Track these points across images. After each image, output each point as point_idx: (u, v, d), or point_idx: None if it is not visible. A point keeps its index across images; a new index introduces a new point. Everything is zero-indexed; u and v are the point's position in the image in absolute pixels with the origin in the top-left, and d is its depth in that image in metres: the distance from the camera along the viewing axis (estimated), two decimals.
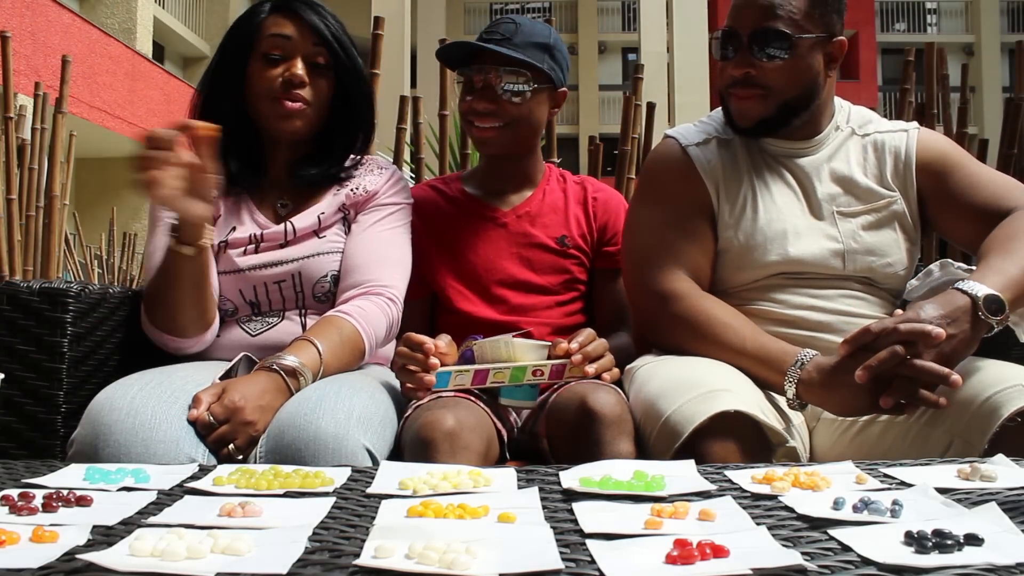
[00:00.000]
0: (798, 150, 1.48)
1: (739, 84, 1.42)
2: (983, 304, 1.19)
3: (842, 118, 1.52)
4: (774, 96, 1.41)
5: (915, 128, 1.51)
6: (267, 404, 1.24)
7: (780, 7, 1.38)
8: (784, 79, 1.40)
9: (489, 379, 1.33)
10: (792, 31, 1.38)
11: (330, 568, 0.63)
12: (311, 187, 1.52)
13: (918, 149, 1.48)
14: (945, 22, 22.44)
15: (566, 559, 0.64)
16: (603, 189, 1.74)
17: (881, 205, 1.46)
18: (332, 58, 1.47)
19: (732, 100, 1.46)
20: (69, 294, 1.38)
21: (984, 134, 5.18)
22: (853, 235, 1.44)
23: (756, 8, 1.39)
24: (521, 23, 1.57)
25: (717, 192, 1.46)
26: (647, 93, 2.86)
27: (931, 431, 1.23)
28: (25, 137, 3.01)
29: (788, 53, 1.39)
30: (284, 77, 1.43)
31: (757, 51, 1.39)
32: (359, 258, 1.46)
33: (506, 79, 1.54)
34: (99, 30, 11.75)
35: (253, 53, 1.45)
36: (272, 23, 1.45)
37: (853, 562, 0.63)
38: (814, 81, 1.43)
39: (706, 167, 1.47)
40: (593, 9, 21.16)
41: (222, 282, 1.46)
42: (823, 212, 1.45)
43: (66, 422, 1.35)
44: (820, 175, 1.47)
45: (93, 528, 0.73)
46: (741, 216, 1.45)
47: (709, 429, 1.15)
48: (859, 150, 1.49)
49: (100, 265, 6.44)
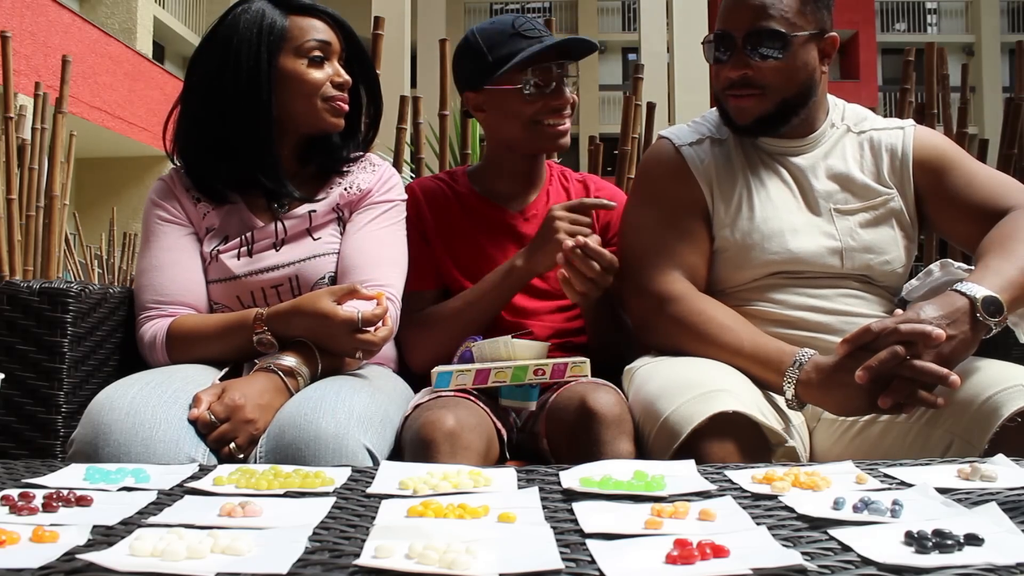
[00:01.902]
0: (793, 148, 1.48)
1: (737, 85, 1.42)
2: (981, 306, 1.19)
3: (837, 116, 1.52)
4: (772, 94, 1.41)
5: (911, 125, 1.51)
6: (267, 403, 1.24)
7: (772, 7, 1.38)
8: (781, 78, 1.40)
9: (490, 379, 1.33)
10: (786, 29, 1.38)
11: (330, 568, 0.63)
12: (313, 179, 1.53)
13: (915, 146, 1.47)
14: (945, 22, 22.43)
15: (566, 559, 0.64)
16: (605, 187, 1.74)
17: (878, 202, 1.45)
18: (356, 59, 1.54)
19: (730, 101, 1.45)
20: (69, 294, 1.38)
21: (984, 134, 5.18)
22: (851, 232, 1.43)
23: (748, 9, 1.39)
24: None
25: (711, 191, 1.46)
26: (647, 93, 2.86)
27: (931, 431, 1.23)
28: (25, 137, 3.00)
29: (783, 52, 1.39)
30: (335, 80, 1.48)
31: (752, 52, 1.40)
32: (356, 258, 1.46)
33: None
34: (99, 30, 11.75)
35: (282, 55, 1.44)
36: (309, 26, 1.46)
37: (853, 562, 0.63)
38: (811, 77, 1.43)
39: (699, 167, 1.47)
40: (593, 9, 21.16)
41: (218, 289, 1.46)
42: (820, 209, 1.45)
43: (66, 422, 1.35)
44: (816, 172, 1.47)
45: (93, 528, 0.73)
46: (737, 215, 1.44)
47: (708, 429, 1.15)
48: (855, 147, 1.49)
49: (100, 265, 6.45)
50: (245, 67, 1.42)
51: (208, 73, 1.46)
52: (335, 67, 1.49)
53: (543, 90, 1.55)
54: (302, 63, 1.45)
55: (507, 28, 1.56)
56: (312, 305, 1.32)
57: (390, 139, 2.53)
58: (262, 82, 1.42)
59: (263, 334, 1.34)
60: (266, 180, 1.45)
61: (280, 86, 1.44)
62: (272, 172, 1.46)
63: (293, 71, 1.45)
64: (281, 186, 1.46)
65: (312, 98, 1.46)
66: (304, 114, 1.47)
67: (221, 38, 1.46)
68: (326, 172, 1.54)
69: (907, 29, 22.28)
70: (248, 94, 1.42)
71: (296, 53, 1.45)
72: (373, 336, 1.32)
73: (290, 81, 1.45)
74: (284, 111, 1.46)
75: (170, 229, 1.47)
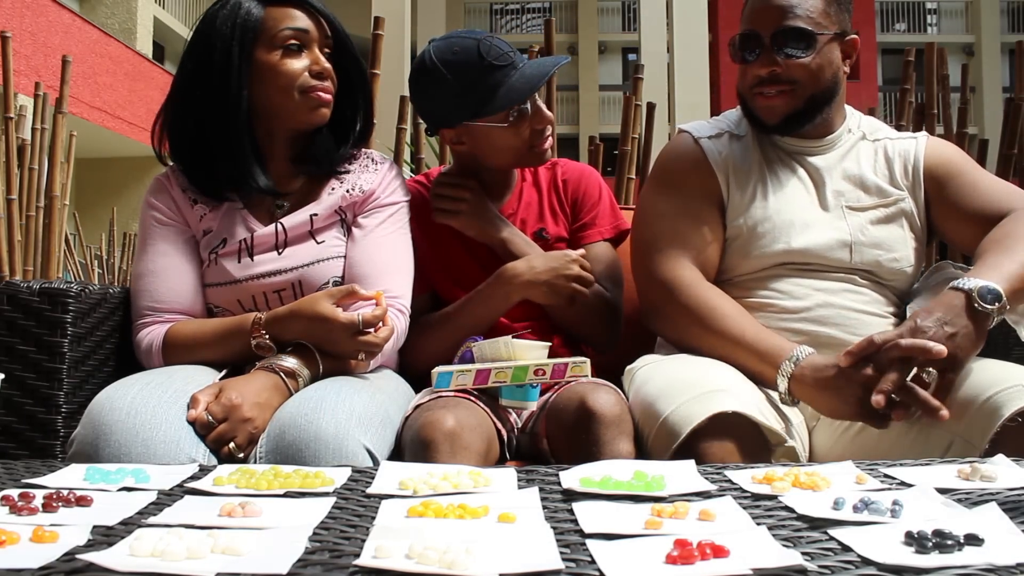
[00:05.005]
0: (811, 148, 1.51)
1: (766, 83, 1.45)
2: (977, 295, 1.20)
3: (854, 123, 1.55)
4: (801, 90, 1.44)
5: (924, 136, 1.55)
6: (265, 402, 1.24)
7: (798, 6, 1.41)
8: (809, 74, 1.43)
9: (491, 379, 1.33)
10: (812, 28, 1.41)
11: (330, 568, 0.63)
12: (312, 180, 1.49)
13: (926, 154, 1.50)
14: (945, 22, 22.43)
15: (566, 559, 0.64)
16: (572, 166, 1.71)
17: (890, 202, 1.48)
18: (337, 48, 1.47)
19: (758, 99, 1.47)
20: (69, 294, 1.38)
21: (984, 134, 5.18)
22: (861, 228, 1.45)
23: (775, 10, 1.42)
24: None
25: (728, 182, 1.48)
26: (647, 93, 2.86)
27: (931, 431, 1.23)
28: (25, 137, 3.00)
29: (810, 50, 1.42)
30: (313, 69, 1.42)
31: (779, 50, 1.42)
32: (365, 267, 1.44)
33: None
34: (99, 30, 11.75)
35: (257, 47, 1.40)
36: (284, 15, 1.41)
37: (853, 562, 0.63)
38: (836, 76, 1.47)
39: (717, 158, 1.50)
40: (593, 9, 21.14)
41: (217, 293, 1.44)
42: (832, 206, 1.47)
43: (66, 422, 1.35)
44: (831, 172, 1.49)
45: (93, 528, 0.73)
46: (751, 204, 1.47)
47: (707, 429, 1.15)
48: (870, 153, 1.52)
49: (100, 265, 6.45)
50: (219, 62, 1.39)
51: (188, 71, 1.43)
52: (314, 55, 1.42)
53: (525, 116, 1.53)
54: (277, 54, 1.40)
55: (475, 60, 1.48)
56: (311, 308, 1.31)
57: (390, 139, 2.53)
58: (233, 76, 1.38)
59: (261, 338, 1.33)
60: (237, 176, 1.41)
61: (256, 80, 1.40)
62: (244, 167, 1.41)
63: (267, 63, 1.40)
64: (252, 180, 1.41)
65: (289, 90, 1.41)
66: (283, 107, 1.42)
67: (200, 35, 1.43)
68: (322, 173, 1.50)
69: (907, 29, 22.28)
70: (221, 89, 1.38)
71: (271, 44, 1.40)
72: (374, 338, 1.32)
73: (266, 74, 1.40)
74: (266, 106, 1.42)
75: (166, 232, 1.45)
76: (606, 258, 1.63)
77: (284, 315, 1.33)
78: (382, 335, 1.33)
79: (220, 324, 1.39)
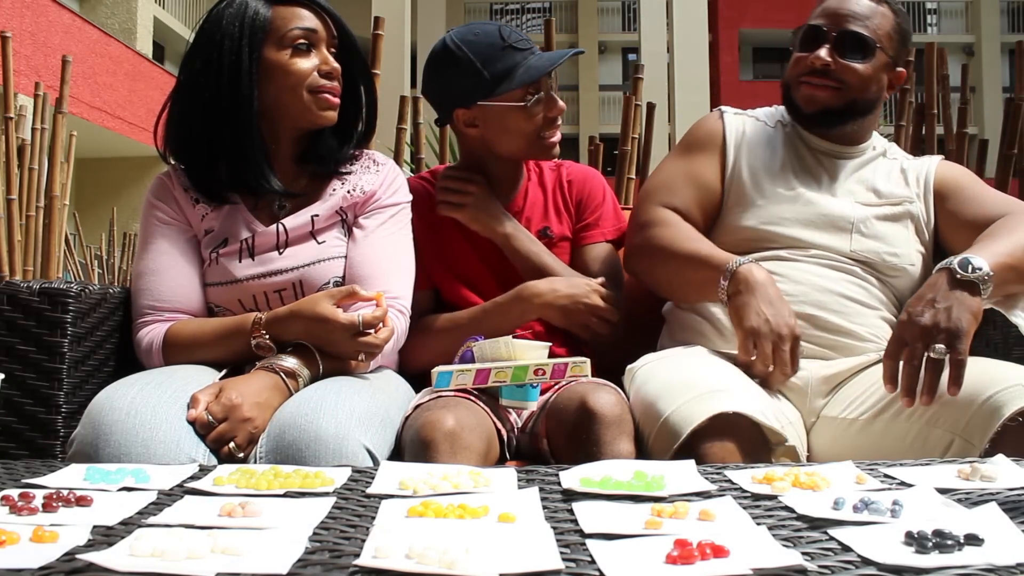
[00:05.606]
0: (835, 151, 1.57)
1: (817, 74, 1.50)
2: (957, 266, 1.25)
3: (880, 144, 1.62)
4: (846, 92, 1.50)
5: (940, 158, 1.64)
6: (264, 402, 1.24)
7: (869, 19, 1.49)
8: (859, 80, 1.49)
9: (491, 379, 1.33)
10: (876, 42, 1.48)
11: (330, 568, 0.63)
12: (314, 180, 1.49)
13: (937, 172, 1.58)
14: (945, 22, 22.43)
15: (566, 559, 0.64)
16: (577, 168, 1.73)
17: (897, 201, 1.54)
18: (343, 48, 1.47)
19: (803, 87, 1.53)
20: (69, 294, 1.38)
21: (984, 134, 5.18)
22: (865, 220, 1.51)
23: (848, 13, 1.50)
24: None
25: (737, 154, 1.57)
26: (647, 93, 2.86)
27: (931, 431, 1.24)
28: (25, 137, 3.00)
29: (866, 61, 1.48)
30: (322, 69, 1.42)
31: (840, 50, 1.48)
32: (366, 268, 1.44)
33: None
34: (99, 30, 11.75)
35: (266, 47, 1.40)
36: (292, 15, 1.41)
37: (853, 562, 0.63)
38: (879, 94, 1.54)
39: (735, 132, 1.59)
40: (593, 9, 21.13)
41: (218, 292, 1.44)
42: (841, 195, 1.53)
43: (66, 422, 1.35)
44: (848, 174, 1.56)
45: (93, 528, 0.73)
46: (764, 176, 1.54)
47: (708, 429, 1.15)
48: (887, 168, 1.59)
49: (100, 265, 6.45)
50: (227, 62, 1.38)
51: (194, 71, 1.42)
52: (323, 55, 1.42)
53: (540, 101, 1.54)
54: (285, 53, 1.40)
55: (496, 41, 1.52)
56: (311, 309, 1.31)
57: (390, 139, 2.53)
58: (243, 76, 1.38)
59: (261, 338, 1.33)
60: (249, 177, 1.41)
61: (265, 79, 1.40)
62: (256, 169, 1.41)
63: (276, 62, 1.40)
64: (264, 181, 1.41)
65: (298, 90, 1.41)
66: (292, 107, 1.42)
67: (206, 34, 1.42)
68: (325, 173, 1.50)
69: None
70: (231, 89, 1.38)
71: (279, 43, 1.40)
72: (374, 338, 1.32)
73: (274, 73, 1.40)
74: (272, 105, 1.42)
75: (167, 231, 1.45)
76: (607, 259, 1.63)
77: (284, 315, 1.33)
78: (382, 336, 1.33)
79: (220, 324, 1.39)
